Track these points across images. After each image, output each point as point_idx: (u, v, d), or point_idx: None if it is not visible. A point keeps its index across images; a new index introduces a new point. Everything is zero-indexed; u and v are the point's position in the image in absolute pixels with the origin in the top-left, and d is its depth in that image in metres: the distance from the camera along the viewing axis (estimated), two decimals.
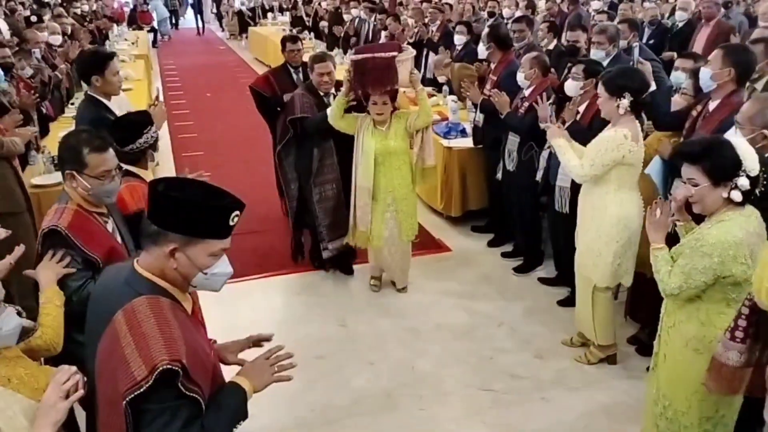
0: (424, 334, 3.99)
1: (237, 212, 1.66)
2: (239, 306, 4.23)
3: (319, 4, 13.05)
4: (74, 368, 1.72)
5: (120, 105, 3.85)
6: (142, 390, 1.50)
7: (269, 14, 18.11)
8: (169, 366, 1.50)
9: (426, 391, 3.46)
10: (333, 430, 3.20)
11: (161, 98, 3.95)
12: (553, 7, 9.61)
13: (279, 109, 4.80)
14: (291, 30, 14.14)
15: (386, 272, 4.52)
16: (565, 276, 4.46)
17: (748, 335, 1.96)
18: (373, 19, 9.78)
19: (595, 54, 4.69)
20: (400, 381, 3.56)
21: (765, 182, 2.29)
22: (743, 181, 2.24)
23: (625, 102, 3.21)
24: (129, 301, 1.61)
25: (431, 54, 7.89)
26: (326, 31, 11.86)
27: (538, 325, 4.07)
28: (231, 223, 1.67)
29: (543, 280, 4.63)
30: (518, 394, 3.44)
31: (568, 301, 4.27)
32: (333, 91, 4.38)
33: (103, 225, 2.42)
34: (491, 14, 9.14)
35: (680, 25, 7.49)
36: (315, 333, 4.02)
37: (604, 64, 4.49)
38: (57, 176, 4.12)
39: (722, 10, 7.43)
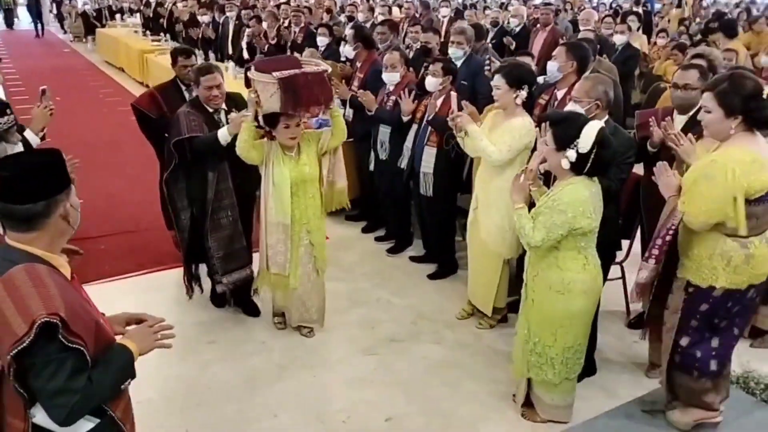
0: None
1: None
2: (122, 304, 4.26)
3: (174, 4, 12.80)
4: None
5: None
6: (24, 345, 1.61)
7: (117, 15, 17.42)
8: (47, 319, 1.61)
9: (316, 361, 3.76)
10: (232, 405, 3.40)
11: (46, 99, 3.73)
12: (409, 11, 10.23)
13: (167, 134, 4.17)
14: (144, 32, 13.81)
15: (293, 313, 3.95)
16: (432, 253, 4.97)
17: (662, 255, 2.79)
18: (234, 17, 9.84)
19: (454, 53, 5.16)
20: (291, 355, 3.82)
21: (596, 157, 2.76)
22: (571, 153, 2.77)
23: (523, 93, 3.66)
24: (6, 271, 1.70)
25: (296, 55, 8.20)
26: (183, 33, 11.73)
27: (413, 297, 4.51)
28: None
29: (413, 258, 5.09)
30: (400, 354, 3.84)
31: (437, 275, 4.79)
32: (224, 106, 3.96)
33: None
34: (350, 18, 9.60)
35: (516, 29, 8.40)
36: (205, 320, 4.17)
37: (459, 62, 5.04)
38: None
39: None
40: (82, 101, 10.32)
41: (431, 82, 4.45)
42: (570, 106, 3.36)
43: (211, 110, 3.91)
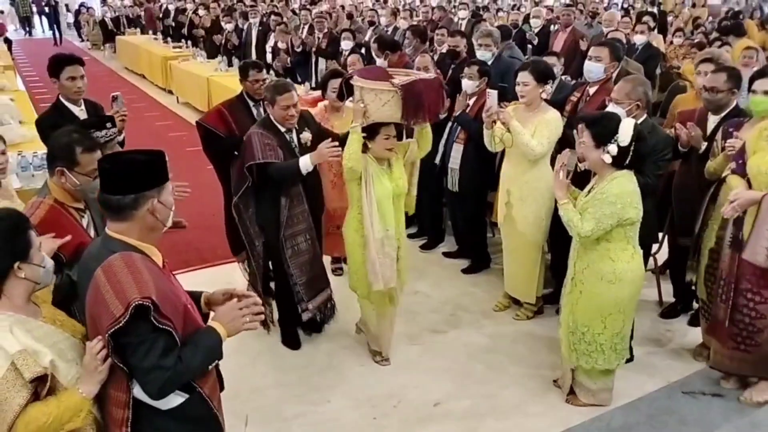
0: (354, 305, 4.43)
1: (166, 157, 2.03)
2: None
3: (195, 12, 13.04)
4: (100, 337, 1.95)
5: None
6: (120, 325, 1.78)
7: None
8: (140, 302, 1.78)
9: (362, 350, 3.93)
10: (286, 391, 3.57)
11: (118, 105, 3.83)
12: (427, 15, 10.42)
13: (236, 152, 3.89)
14: (165, 39, 14.05)
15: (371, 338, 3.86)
16: (464, 249, 5.13)
17: None
18: (257, 23, 10.05)
19: (483, 55, 5.33)
20: (342, 344, 4.01)
21: (635, 150, 2.95)
22: (612, 147, 2.93)
23: (549, 88, 3.89)
24: (106, 258, 1.88)
25: (320, 60, 8.41)
26: (203, 40, 11.97)
27: (449, 290, 4.68)
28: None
29: (447, 254, 5.25)
30: (443, 343, 4.00)
31: (471, 269, 4.95)
32: (296, 125, 3.73)
33: (78, 220, 2.58)
34: (371, 23, 9.80)
35: (536, 30, 8.56)
36: None
37: (489, 63, 5.21)
38: None
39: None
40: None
41: (468, 85, 4.59)
42: (611, 108, 3.49)
43: (284, 130, 3.69)
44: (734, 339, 3.19)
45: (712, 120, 3.75)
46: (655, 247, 4.14)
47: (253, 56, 10.03)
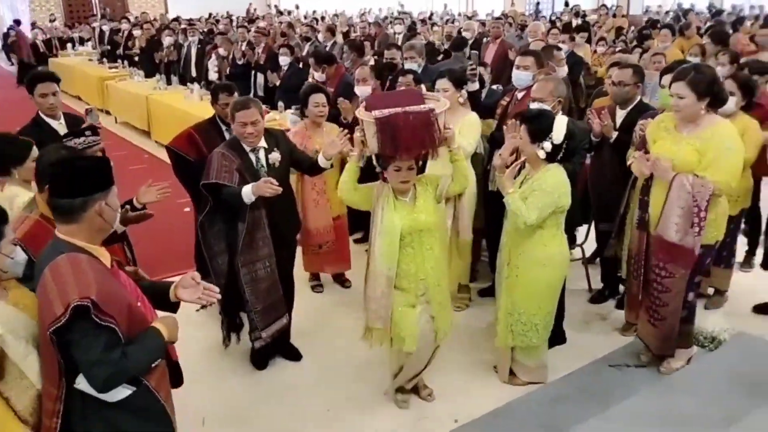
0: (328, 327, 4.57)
1: (111, 162, 2.18)
2: None
3: (130, 33, 13.00)
4: None
5: None
6: (61, 323, 1.91)
7: (68, 45, 17.41)
8: (79, 303, 1.91)
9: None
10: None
11: (92, 118, 3.92)
12: (366, 29, 10.73)
13: None
14: (101, 59, 13.91)
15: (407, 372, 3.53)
16: None
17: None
18: (197, 41, 10.14)
19: (410, 66, 5.67)
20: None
21: (567, 147, 3.25)
22: (547, 144, 3.22)
23: (464, 92, 4.27)
24: (54, 259, 2.02)
25: (259, 75, 8.59)
26: (139, 59, 11.95)
27: None
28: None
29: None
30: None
31: None
32: (263, 144, 3.58)
33: None
34: (307, 38, 10.04)
35: (469, 42, 8.97)
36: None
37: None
38: None
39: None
40: None
41: None
42: (535, 106, 3.81)
43: (248, 149, 3.55)
44: (648, 313, 3.51)
45: (620, 114, 4.15)
46: (581, 238, 4.47)
47: (193, 74, 10.12)
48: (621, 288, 4.52)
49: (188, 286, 2.29)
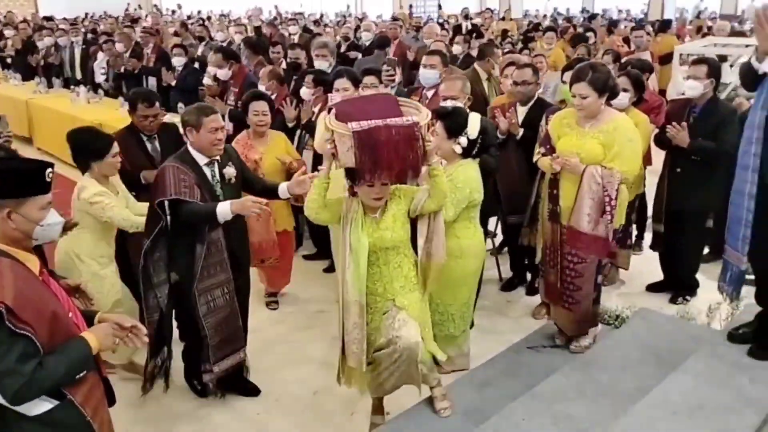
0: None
1: (50, 169, 2.03)
2: None
3: (1, 32, 12.06)
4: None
5: None
6: None
7: None
8: None
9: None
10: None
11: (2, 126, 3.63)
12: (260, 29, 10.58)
13: (133, 191, 3.71)
14: None
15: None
16: (323, 250, 5.36)
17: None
18: (81, 41, 9.58)
19: (321, 65, 5.70)
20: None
21: (481, 142, 3.39)
22: (462, 140, 3.32)
23: (362, 92, 4.28)
24: None
25: (150, 78, 8.23)
26: (12, 61, 11.10)
27: (314, 288, 4.90)
28: (48, 179, 2.03)
29: (307, 257, 5.49)
30: (312, 340, 4.22)
31: (330, 269, 5.22)
32: (217, 157, 3.28)
33: None
34: (201, 38, 9.76)
35: (367, 43, 9.08)
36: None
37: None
38: None
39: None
40: None
41: (305, 93, 4.99)
42: (447, 104, 3.94)
43: (203, 162, 3.23)
44: (562, 299, 3.72)
45: (521, 111, 4.38)
46: (491, 230, 4.68)
47: (78, 76, 9.56)
48: (529, 275, 4.78)
49: (104, 330, 2.11)
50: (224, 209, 3.06)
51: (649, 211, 5.05)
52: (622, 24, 13.69)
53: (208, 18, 19.84)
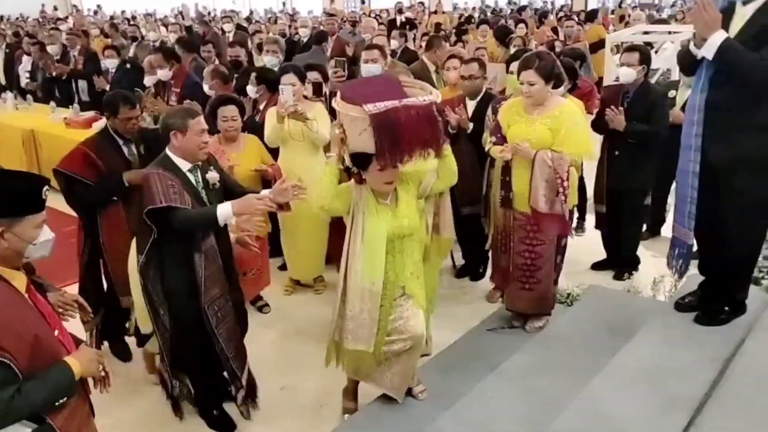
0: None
1: (46, 187, 1.97)
2: None
3: None
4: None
5: None
6: None
7: None
8: None
9: None
10: None
11: None
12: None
13: (115, 198, 3.54)
14: None
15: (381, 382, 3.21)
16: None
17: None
18: (4, 46, 9.17)
19: (270, 61, 5.73)
20: None
21: None
22: None
23: (308, 86, 4.38)
24: None
25: (81, 82, 7.97)
26: None
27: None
28: (43, 198, 1.97)
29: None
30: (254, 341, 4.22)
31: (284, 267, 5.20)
32: (199, 162, 3.13)
33: None
34: (134, 38, 9.49)
35: (305, 39, 9.06)
36: None
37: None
38: None
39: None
40: None
41: (251, 90, 4.97)
42: None
43: (186, 168, 3.05)
44: (520, 281, 3.85)
45: (470, 105, 4.49)
46: None
47: (2, 81, 9.14)
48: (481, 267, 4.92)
49: (87, 356, 2.07)
50: (225, 211, 2.86)
51: (589, 193, 5.27)
52: (551, 15, 14.13)
53: (133, 17, 19.28)
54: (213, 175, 3.13)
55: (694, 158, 2.95)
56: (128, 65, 7.64)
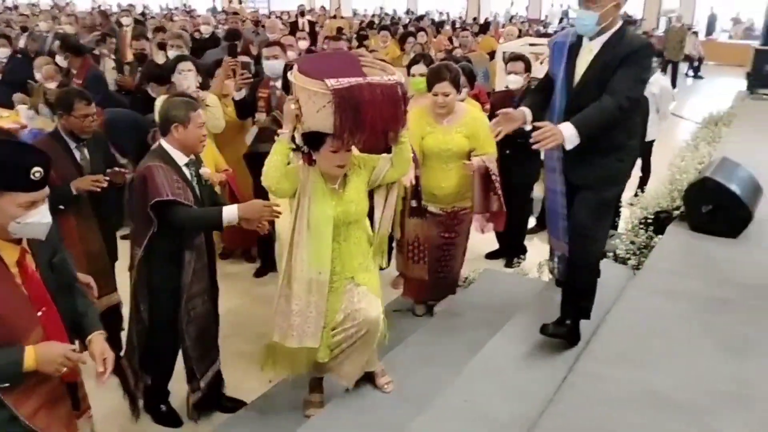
0: None
1: (38, 168, 1.88)
2: None
3: None
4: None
5: None
6: None
7: None
8: None
9: None
10: None
11: None
12: (85, 21, 10.07)
13: (62, 207, 3.27)
14: None
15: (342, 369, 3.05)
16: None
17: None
18: None
19: (175, 54, 5.70)
20: None
21: None
22: None
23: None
24: None
25: None
26: None
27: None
28: (33, 178, 1.87)
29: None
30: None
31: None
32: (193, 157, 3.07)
33: None
34: (24, 28, 9.11)
35: (207, 36, 9.07)
36: None
37: None
38: None
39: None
40: None
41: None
42: None
43: (182, 162, 2.98)
44: (435, 271, 4.10)
45: None
46: None
47: None
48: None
49: (50, 354, 1.95)
50: (231, 215, 2.80)
51: None
52: (447, 25, 14.83)
53: (15, 7, 18.22)
54: (206, 171, 3.11)
55: (560, 180, 3.15)
56: (19, 55, 7.38)
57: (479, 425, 2.66)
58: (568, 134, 2.78)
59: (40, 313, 1.99)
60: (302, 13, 12.75)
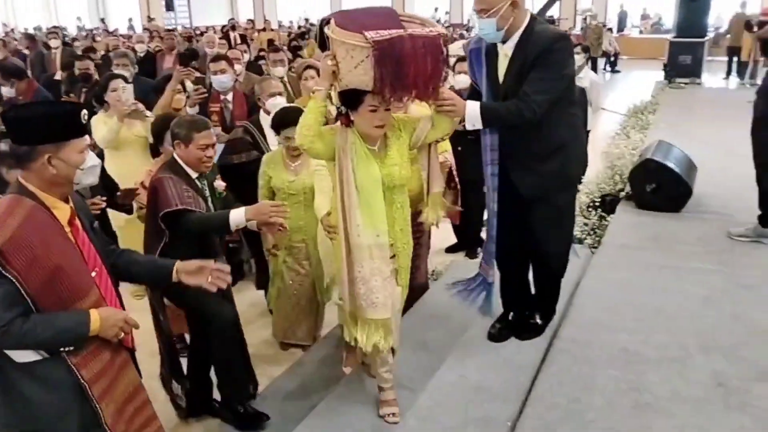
0: None
1: (84, 110, 2.02)
2: None
3: None
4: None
5: None
6: None
7: None
8: None
9: None
10: None
11: None
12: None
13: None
14: None
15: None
16: None
17: None
18: None
19: (123, 72, 5.64)
20: None
21: None
22: None
23: None
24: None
25: None
26: None
27: None
28: (83, 121, 2.01)
29: None
30: None
31: None
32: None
33: None
34: None
35: (142, 54, 8.97)
36: None
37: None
38: None
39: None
40: None
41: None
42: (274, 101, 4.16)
43: (194, 176, 3.05)
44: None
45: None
46: None
47: None
48: None
49: (193, 271, 2.19)
50: (238, 216, 2.80)
51: None
52: None
53: None
54: (220, 183, 3.16)
55: (493, 197, 2.99)
56: None
57: (477, 395, 2.89)
58: (471, 113, 2.65)
59: (93, 274, 2.05)
60: (233, 27, 12.75)
